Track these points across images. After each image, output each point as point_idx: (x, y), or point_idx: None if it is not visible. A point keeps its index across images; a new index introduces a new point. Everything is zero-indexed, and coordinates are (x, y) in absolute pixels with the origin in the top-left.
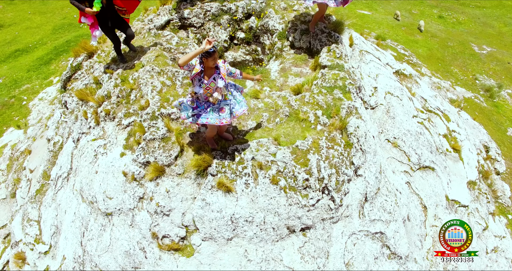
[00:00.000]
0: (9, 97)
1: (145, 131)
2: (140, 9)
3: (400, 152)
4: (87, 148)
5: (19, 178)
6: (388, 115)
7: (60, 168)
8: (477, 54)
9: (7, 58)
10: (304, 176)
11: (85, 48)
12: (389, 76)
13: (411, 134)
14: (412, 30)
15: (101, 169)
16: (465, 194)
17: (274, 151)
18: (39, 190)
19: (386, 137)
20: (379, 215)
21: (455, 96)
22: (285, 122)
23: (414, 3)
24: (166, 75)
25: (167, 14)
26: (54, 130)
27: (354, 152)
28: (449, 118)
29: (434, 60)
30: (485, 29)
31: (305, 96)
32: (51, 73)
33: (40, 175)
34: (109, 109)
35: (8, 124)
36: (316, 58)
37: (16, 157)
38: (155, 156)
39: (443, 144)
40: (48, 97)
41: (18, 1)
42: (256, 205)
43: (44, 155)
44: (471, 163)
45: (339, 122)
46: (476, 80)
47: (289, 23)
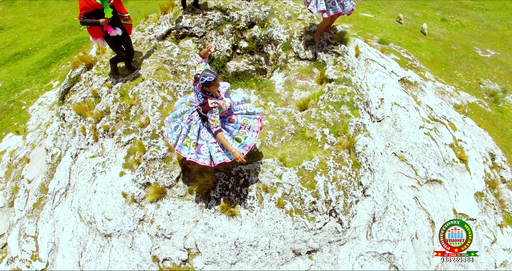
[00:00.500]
0: (8, 101)
1: (145, 151)
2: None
3: (407, 165)
4: (85, 165)
5: (17, 187)
6: (395, 128)
7: (58, 183)
8: (481, 58)
9: (6, 61)
10: (311, 198)
11: (84, 60)
12: (395, 85)
13: (418, 147)
14: (415, 33)
15: (99, 188)
16: (473, 206)
17: (279, 172)
18: (36, 203)
19: (393, 150)
20: (387, 235)
21: (459, 101)
22: (291, 141)
23: (416, 6)
24: (167, 90)
25: (168, 23)
26: (52, 141)
27: (362, 172)
28: (455, 127)
29: (438, 64)
30: (489, 32)
31: (311, 113)
32: (51, 77)
33: (38, 187)
34: (108, 125)
35: (7, 130)
36: (322, 71)
37: (14, 164)
38: (155, 177)
39: (449, 154)
40: (47, 102)
41: (18, 3)
42: (261, 229)
43: (42, 166)
44: (478, 173)
45: (347, 141)
46: (480, 85)
47: (294, 33)
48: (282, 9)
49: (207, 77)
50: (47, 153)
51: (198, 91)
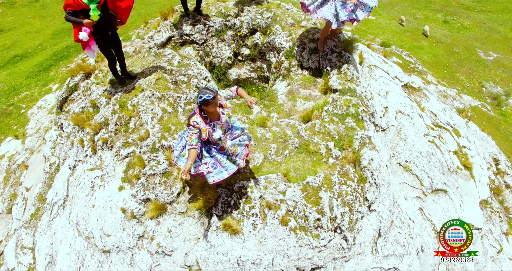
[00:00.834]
0: (7, 105)
1: (145, 165)
2: (140, 18)
3: (412, 176)
4: (84, 178)
5: (15, 193)
6: (399, 137)
7: (56, 194)
8: (483, 60)
9: (6, 64)
10: (315, 215)
11: (82, 68)
12: (399, 92)
13: (423, 156)
14: (417, 35)
15: (98, 203)
16: (478, 215)
17: (283, 188)
18: (34, 214)
19: (398, 160)
20: (392, 249)
21: (462, 105)
22: (295, 155)
23: (418, 7)
24: (167, 101)
25: (168, 30)
26: (50, 149)
27: (368, 187)
28: (459, 133)
29: (440, 67)
30: (491, 34)
31: (315, 125)
32: (50, 80)
33: (36, 197)
34: (106, 138)
35: (6, 134)
36: (326, 81)
37: (13, 170)
38: (155, 193)
39: (454, 162)
40: (47, 105)
41: (18, 4)
42: (264, 246)
43: (40, 174)
44: (482, 180)
45: (352, 155)
46: (483, 88)
47: (297, 41)
48: (284, 15)
49: (205, 95)
50: (45, 161)
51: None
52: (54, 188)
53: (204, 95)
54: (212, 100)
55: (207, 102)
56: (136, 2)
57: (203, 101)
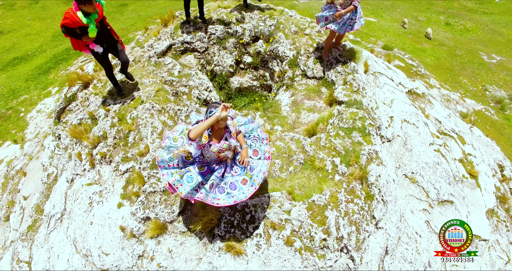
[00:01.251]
0: (6, 108)
1: (145, 182)
2: (141, 20)
3: (418, 187)
4: (82, 193)
5: (13, 201)
6: (405, 147)
7: (53, 207)
8: (486, 63)
9: (5, 66)
10: (321, 235)
11: (80, 78)
12: (404, 100)
13: (429, 167)
14: (419, 38)
15: (96, 220)
16: (485, 226)
17: (288, 207)
18: (31, 226)
19: (404, 172)
20: (399, 267)
21: (465, 109)
22: (300, 171)
23: (420, 9)
24: (167, 114)
25: (168, 38)
26: (48, 159)
27: (375, 204)
28: (464, 140)
29: (443, 70)
30: (494, 37)
31: (320, 139)
32: (50, 84)
33: (33, 208)
34: (105, 152)
35: (4, 138)
36: (331, 92)
37: (11, 176)
38: (156, 212)
39: (459, 170)
40: (46, 109)
41: (18, 6)
42: (268, 267)
43: (38, 184)
44: (488, 189)
45: (359, 171)
46: (486, 91)
47: (301, 49)
48: (288, 23)
49: (216, 109)
50: (43, 170)
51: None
52: (51, 200)
53: (215, 109)
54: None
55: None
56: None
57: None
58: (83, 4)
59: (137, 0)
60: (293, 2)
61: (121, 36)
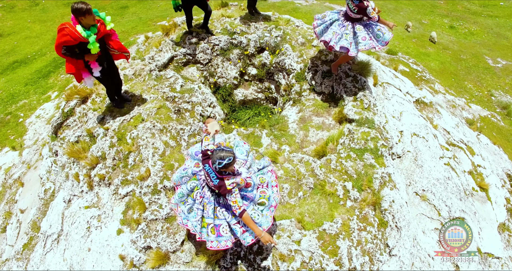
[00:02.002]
0: (5, 114)
1: (146, 208)
2: (142, 23)
3: (429, 206)
4: (79, 217)
5: (10, 212)
6: (416, 164)
7: (50, 227)
8: (492, 67)
9: (4, 70)
10: (333, 267)
11: (78, 92)
12: (413, 112)
13: (440, 183)
14: (423, 42)
15: (94, 246)
16: (497, 242)
17: (298, 237)
18: (26, 244)
19: (415, 189)
20: None
21: (470, 115)
22: (309, 197)
23: (424, 12)
24: (169, 134)
25: (170, 49)
26: (46, 173)
27: (389, 231)
28: (473, 151)
29: (447, 74)
30: (499, 41)
31: (331, 161)
32: (49, 88)
33: (29, 225)
34: (103, 174)
35: (3, 144)
36: (341, 109)
37: (9, 185)
38: (157, 241)
39: (469, 183)
40: (45, 114)
41: (18, 8)
42: None
43: (35, 198)
44: (499, 201)
45: (372, 197)
46: (491, 97)
47: (309, 62)
48: (294, 33)
49: (226, 160)
50: (41, 185)
51: (211, 170)
52: (48, 218)
53: (224, 160)
54: (233, 161)
55: (228, 165)
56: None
57: (223, 167)
58: (83, 15)
59: (138, 3)
60: (296, 5)
61: (122, 39)
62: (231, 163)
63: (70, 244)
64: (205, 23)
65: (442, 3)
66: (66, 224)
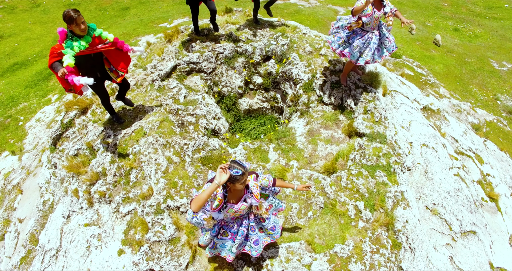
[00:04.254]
0: (5, 117)
1: (149, 229)
2: (143, 25)
3: (440, 220)
4: (78, 235)
5: (9, 219)
6: (426, 176)
7: (48, 241)
8: (497, 71)
9: (5, 72)
10: None
11: (78, 103)
12: (421, 121)
13: (450, 196)
14: (427, 44)
15: (94, 267)
16: (510, 256)
17: (308, 261)
18: (24, 258)
19: (425, 203)
20: None
21: (476, 120)
22: (320, 217)
23: (428, 15)
24: (173, 149)
25: (173, 58)
26: (45, 183)
27: (402, 253)
28: (482, 159)
29: (452, 78)
30: (504, 43)
31: (341, 178)
32: (50, 91)
33: (27, 237)
34: (104, 191)
35: (3, 148)
36: (351, 122)
37: (8, 191)
38: (161, 264)
39: (478, 193)
40: (45, 118)
41: (18, 10)
42: None
43: (33, 208)
44: (509, 212)
45: (384, 217)
46: (497, 101)
47: (317, 72)
48: (301, 41)
49: (233, 170)
50: (40, 195)
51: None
52: (47, 233)
53: (231, 170)
54: (240, 177)
55: (233, 179)
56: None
57: (231, 178)
58: (71, 23)
59: (139, 4)
60: (298, 7)
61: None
62: (237, 177)
63: (69, 264)
64: (213, 19)
65: (446, 5)
66: (65, 240)
